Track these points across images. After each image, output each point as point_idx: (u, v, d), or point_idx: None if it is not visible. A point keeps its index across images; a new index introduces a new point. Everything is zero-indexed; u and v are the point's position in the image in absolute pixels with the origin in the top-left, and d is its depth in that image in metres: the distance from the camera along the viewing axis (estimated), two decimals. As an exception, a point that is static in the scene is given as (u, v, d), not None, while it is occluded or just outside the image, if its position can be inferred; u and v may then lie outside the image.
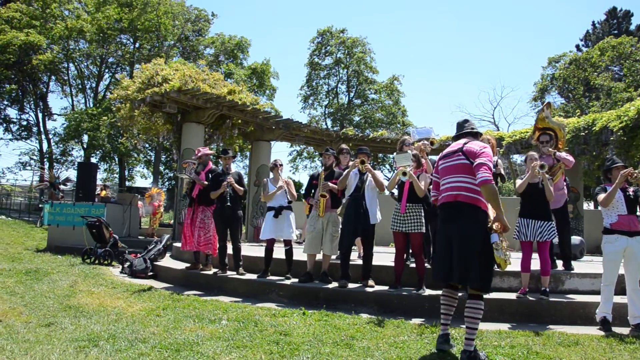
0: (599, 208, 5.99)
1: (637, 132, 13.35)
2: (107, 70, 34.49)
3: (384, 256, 8.35)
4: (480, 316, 4.20)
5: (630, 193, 5.72)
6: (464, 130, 4.73)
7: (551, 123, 7.78)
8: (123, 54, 32.27)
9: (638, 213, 5.76)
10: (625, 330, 5.47)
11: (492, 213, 4.38)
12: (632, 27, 36.95)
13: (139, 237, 16.50)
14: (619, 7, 38.30)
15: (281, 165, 7.95)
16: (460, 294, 5.79)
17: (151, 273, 9.26)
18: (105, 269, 10.11)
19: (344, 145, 8.05)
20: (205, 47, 36.57)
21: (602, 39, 31.16)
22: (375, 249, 7.30)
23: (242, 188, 8.01)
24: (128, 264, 9.66)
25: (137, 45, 32.78)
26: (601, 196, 5.72)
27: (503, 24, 74.99)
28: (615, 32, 35.81)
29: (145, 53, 31.89)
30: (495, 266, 4.29)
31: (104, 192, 17.78)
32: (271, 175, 8.01)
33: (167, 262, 9.90)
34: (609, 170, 5.89)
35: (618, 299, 5.74)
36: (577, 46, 38.80)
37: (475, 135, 4.70)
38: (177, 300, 6.62)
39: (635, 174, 5.43)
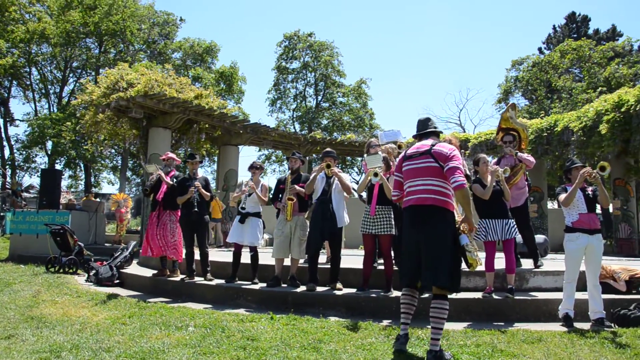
0: (550, 206, 6.15)
1: (596, 132, 13.74)
2: (71, 75, 33.79)
3: (352, 259, 8.38)
4: (445, 316, 4.25)
5: (590, 192, 5.88)
6: (428, 129, 4.72)
7: (515, 123, 7.91)
8: (88, 58, 31.67)
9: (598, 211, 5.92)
10: (586, 326, 5.61)
11: (457, 215, 4.46)
12: (590, 31, 38.02)
13: (106, 244, 16.21)
14: (578, 12, 39.42)
15: (259, 168, 7.88)
16: (426, 295, 5.89)
17: (117, 281, 9.10)
18: (70, 277, 9.88)
19: (329, 149, 8.00)
20: (173, 51, 36.18)
21: (562, 42, 31.96)
22: (345, 251, 7.32)
23: (208, 193, 7.95)
24: (94, 272, 9.45)
25: (102, 49, 32.20)
26: (562, 196, 5.86)
27: (468, 26, 76.22)
28: (575, 35, 36.73)
29: (111, 57, 31.40)
30: (467, 266, 4.38)
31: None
32: (248, 177, 7.93)
33: (134, 269, 9.75)
34: (569, 170, 6.04)
35: (580, 295, 5.88)
36: (540, 49, 39.66)
37: (438, 135, 4.74)
38: (143, 308, 6.52)
39: (593, 174, 5.58)
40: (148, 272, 8.87)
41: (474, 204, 6.56)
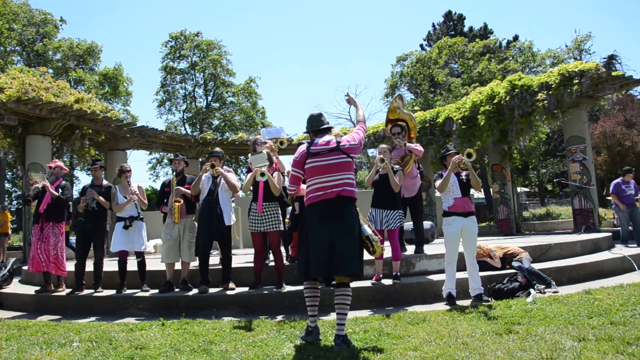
0: (439, 193, 6.51)
1: (474, 122, 14.72)
2: None
3: (248, 257, 8.35)
4: (349, 302, 4.50)
5: (464, 177, 6.27)
6: (324, 125, 4.83)
7: (402, 113, 8.18)
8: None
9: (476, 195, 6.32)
10: (467, 302, 6.01)
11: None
12: (466, 29, 40.60)
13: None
14: (454, 11, 41.99)
15: (129, 171, 7.63)
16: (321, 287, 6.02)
17: (-5, 302, 8.43)
18: (-62, 303, 8.98)
19: (218, 149, 7.88)
20: (53, 52, 33.84)
21: (441, 39, 33.85)
22: (243, 251, 7.24)
23: (109, 202, 7.58)
24: (-34, 295, 8.67)
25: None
26: (438, 182, 6.22)
27: (354, 22, 78.49)
28: (452, 33, 39.08)
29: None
30: (371, 254, 4.75)
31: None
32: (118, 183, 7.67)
33: (14, 287, 9.07)
34: (444, 157, 6.42)
35: (461, 274, 6.26)
36: (421, 45, 41.76)
37: (330, 130, 4.90)
38: (23, 328, 6.06)
39: (463, 160, 5.97)
40: (31, 290, 8.29)
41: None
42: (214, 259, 7.34)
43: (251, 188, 6.73)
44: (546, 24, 71.22)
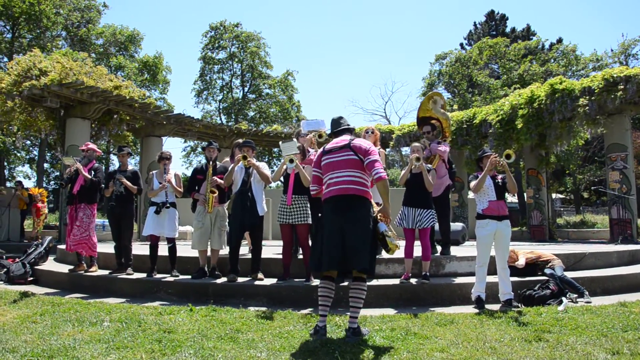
0: (472, 195, 6.42)
1: (512, 125, 14.45)
2: (-22, 61, 31.58)
3: (277, 249, 8.38)
4: (363, 296, 4.54)
5: (499, 180, 6.17)
6: (342, 126, 4.96)
7: (436, 113, 8.07)
8: (-1, 43, 29.71)
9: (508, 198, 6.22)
10: (497, 307, 5.90)
11: (374, 204, 4.70)
12: (508, 30, 39.78)
13: (25, 241, 15.36)
14: (497, 11, 41.15)
15: (169, 159, 7.70)
16: (346, 283, 6.01)
17: (31, 278, 8.67)
18: (-23, 277, 9.29)
19: (241, 140, 7.94)
20: (96, 37, 34.57)
21: (482, 38, 33.26)
22: (272, 242, 7.27)
23: (135, 187, 7.74)
24: (4, 269, 8.97)
25: (15, 33, 30.28)
26: (473, 183, 6.13)
27: (394, 19, 77.88)
28: (494, 33, 38.37)
29: (25, 43, 29.63)
30: (386, 252, 4.64)
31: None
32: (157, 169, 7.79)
33: (50, 265, 9.34)
34: (481, 159, 6.32)
35: (491, 278, 6.15)
36: (462, 44, 41.15)
37: (352, 131, 4.99)
38: (57, 305, 6.23)
39: (500, 162, 5.87)
40: (65, 268, 8.53)
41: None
42: (243, 249, 7.38)
43: (282, 180, 6.74)
44: (592, 27, 69.46)
